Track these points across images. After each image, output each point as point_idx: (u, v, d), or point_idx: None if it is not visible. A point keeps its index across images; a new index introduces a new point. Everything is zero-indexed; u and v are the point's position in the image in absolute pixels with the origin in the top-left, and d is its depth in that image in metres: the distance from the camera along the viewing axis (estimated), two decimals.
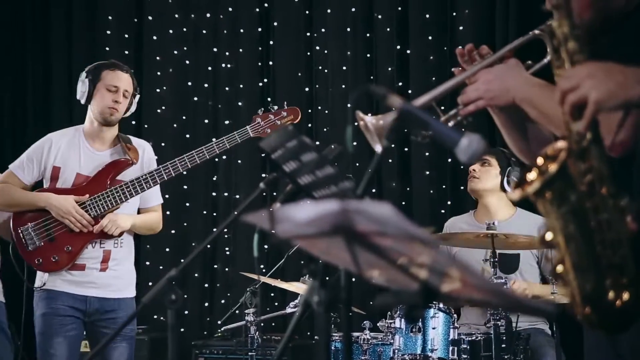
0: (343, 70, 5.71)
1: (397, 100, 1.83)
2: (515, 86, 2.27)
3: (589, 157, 1.80)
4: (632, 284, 1.79)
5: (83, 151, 4.16)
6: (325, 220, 1.48)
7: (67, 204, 4.02)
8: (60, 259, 4.04)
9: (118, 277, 4.14)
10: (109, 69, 4.17)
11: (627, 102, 1.73)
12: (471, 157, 1.80)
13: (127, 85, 4.18)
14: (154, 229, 4.39)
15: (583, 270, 1.77)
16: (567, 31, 1.87)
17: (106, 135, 4.19)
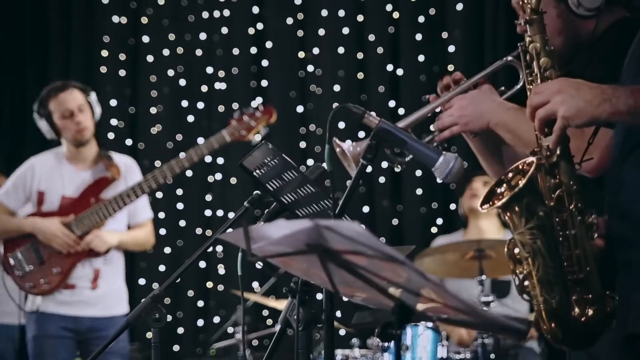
0: (335, 90, 5.77)
1: (375, 119, 1.88)
2: (489, 111, 2.31)
3: (558, 172, 1.84)
4: (597, 300, 1.82)
5: (66, 173, 4.18)
6: (299, 238, 1.52)
7: (52, 226, 4.04)
8: (51, 282, 4.06)
9: (108, 295, 4.16)
10: (50, 98, 4.15)
11: (594, 119, 1.76)
12: (447, 176, 1.85)
13: (77, 100, 4.15)
14: (144, 245, 4.40)
15: (549, 286, 1.81)
16: (540, 46, 1.91)
17: (86, 155, 4.21)
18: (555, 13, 2.39)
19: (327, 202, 2.08)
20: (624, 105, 1.73)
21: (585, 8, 2.33)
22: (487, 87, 2.44)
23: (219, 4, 5.99)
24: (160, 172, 4.12)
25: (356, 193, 5.85)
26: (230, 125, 4.20)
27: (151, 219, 4.41)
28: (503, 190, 1.87)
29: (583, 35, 2.41)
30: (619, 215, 1.84)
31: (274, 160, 2.16)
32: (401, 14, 5.71)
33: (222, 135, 4.17)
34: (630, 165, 1.84)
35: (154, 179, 4.11)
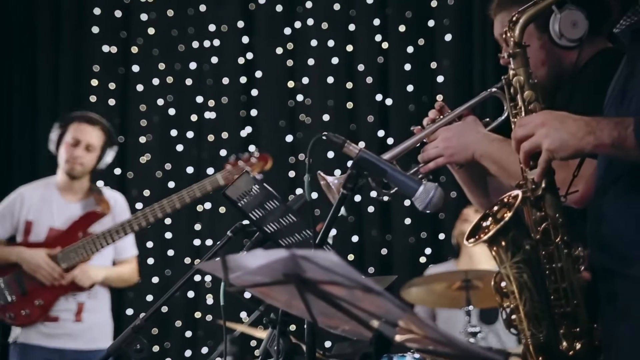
0: (325, 119, 5.77)
1: (355, 149, 1.88)
2: (474, 142, 2.32)
3: (544, 205, 1.84)
4: (585, 333, 1.81)
5: (56, 204, 4.18)
6: (276, 268, 1.51)
7: (38, 257, 4.02)
8: (32, 313, 4.03)
9: (93, 328, 4.13)
10: (77, 121, 4.19)
11: (579, 151, 1.77)
12: (427, 206, 1.84)
13: (93, 138, 4.18)
14: (128, 281, 4.40)
15: (536, 320, 1.80)
16: (524, 79, 1.92)
17: (77, 187, 4.21)
18: (538, 44, 2.41)
19: (309, 232, 2.07)
20: (608, 137, 1.73)
21: (567, 39, 2.34)
22: (472, 118, 2.45)
23: (209, 34, 6.00)
24: (151, 210, 4.12)
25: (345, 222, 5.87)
26: (225, 170, 4.22)
27: (136, 256, 4.41)
28: (489, 224, 1.86)
29: (566, 66, 2.42)
30: (601, 246, 1.84)
31: (257, 189, 2.16)
32: (390, 45, 5.74)
33: (216, 178, 4.19)
34: (612, 197, 1.84)
35: (144, 217, 4.11)
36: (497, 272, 1.83)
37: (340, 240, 5.61)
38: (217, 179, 4.15)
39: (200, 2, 6.00)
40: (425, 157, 2.42)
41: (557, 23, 2.33)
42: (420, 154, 2.48)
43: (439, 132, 2.44)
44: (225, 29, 5.99)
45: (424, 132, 2.49)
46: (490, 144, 2.30)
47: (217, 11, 6.01)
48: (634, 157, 1.73)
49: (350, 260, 5.66)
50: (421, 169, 2.47)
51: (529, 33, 2.42)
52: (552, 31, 2.35)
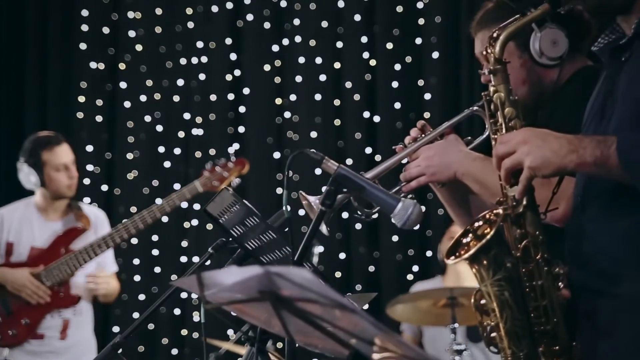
0: (312, 136, 5.77)
1: (333, 165, 1.87)
2: (456, 161, 2.32)
3: (524, 223, 1.83)
4: (565, 351, 1.81)
5: (36, 224, 4.17)
6: (250, 285, 1.50)
7: (21, 276, 4.01)
8: (19, 333, 4.02)
9: (78, 345, 4.12)
10: (45, 149, 4.15)
11: (561, 169, 1.76)
12: (406, 223, 1.84)
13: (70, 155, 4.20)
14: (112, 295, 4.39)
15: (517, 338, 1.79)
16: (504, 96, 1.91)
17: (57, 206, 4.21)
18: (518, 63, 2.41)
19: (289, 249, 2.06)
20: (591, 156, 1.73)
21: (547, 57, 2.35)
22: (454, 137, 2.45)
23: (197, 51, 6.01)
24: (131, 222, 4.11)
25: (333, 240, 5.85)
26: (203, 176, 4.21)
27: (115, 273, 4.41)
28: (469, 241, 1.85)
29: (547, 84, 2.43)
30: (580, 264, 1.83)
31: (236, 206, 2.15)
32: (378, 62, 5.75)
33: (195, 185, 4.18)
34: (592, 214, 1.83)
35: (125, 229, 4.10)
36: (477, 289, 1.82)
37: (328, 258, 5.60)
38: (196, 186, 4.15)
39: (188, 19, 6.01)
40: (407, 176, 2.41)
41: (537, 42, 2.34)
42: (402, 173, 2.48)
43: (420, 151, 2.44)
44: (213, 45, 5.99)
45: (406, 151, 2.49)
46: (472, 162, 2.30)
47: (205, 28, 6.02)
48: (616, 176, 1.72)
49: (337, 277, 5.65)
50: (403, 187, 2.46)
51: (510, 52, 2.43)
52: (532, 50, 2.35)
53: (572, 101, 2.29)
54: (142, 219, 4.10)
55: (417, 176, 2.40)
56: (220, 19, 5.99)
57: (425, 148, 2.42)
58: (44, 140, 4.21)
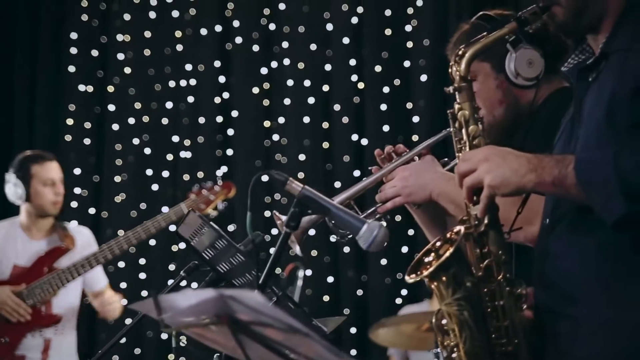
0: (300, 159, 5.76)
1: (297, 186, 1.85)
2: (432, 182, 2.30)
3: (487, 241, 1.81)
4: None
5: (20, 242, 4.15)
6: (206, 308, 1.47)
7: (2, 294, 3.99)
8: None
9: None
10: (35, 163, 4.16)
11: (520, 188, 1.75)
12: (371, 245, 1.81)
13: (59, 172, 4.21)
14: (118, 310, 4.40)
15: (476, 358, 1.76)
16: (469, 114, 1.90)
17: (43, 225, 4.19)
18: (495, 84, 2.41)
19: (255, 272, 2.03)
20: (549, 175, 1.72)
21: (524, 78, 2.34)
22: (429, 158, 2.44)
23: (186, 73, 6.00)
24: (116, 243, 4.09)
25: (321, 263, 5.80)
26: (189, 199, 4.21)
27: (107, 284, 4.39)
28: (431, 260, 1.83)
29: (523, 105, 2.42)
30: (545, 285, 1.81)
31: (205, 228, 2.13)
32: (366, 85, 5.75)
33: (180, 208, 4.17)
34: (556, 236, 1.81)
35: (109, 249, 4.08)
36: (438, 309, 1.79)
37: (316, 281, 5.57)
38: (182, 208, 4.14)
39: (177, 41, 6.01)
40: (382, 197, 2.40)
41: (512, 62, 2.33)
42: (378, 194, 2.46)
43: (396, 172, 2.42)
44: (202, 68, 5.99)
45: (382, 172, 2.48)
46: (447, 183, 2.28)
47: (194, 51, 6.01)
48: (574, 196, 1.71)
49: (326, 301, 5.61)
50: (379, 208, 2.45)
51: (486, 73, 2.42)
52: (508, 70, 2.34)
53: (547, 123, 2.28)
54: (127, 240, 4.10)
55: (393, 197, 2.38)
56: (209, 42, 5.99)
57: (401, 169, 2.41)
58: (35, 154, 4.26)
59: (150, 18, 6.07)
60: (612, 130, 1.76)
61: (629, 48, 1.80)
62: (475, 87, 2.42)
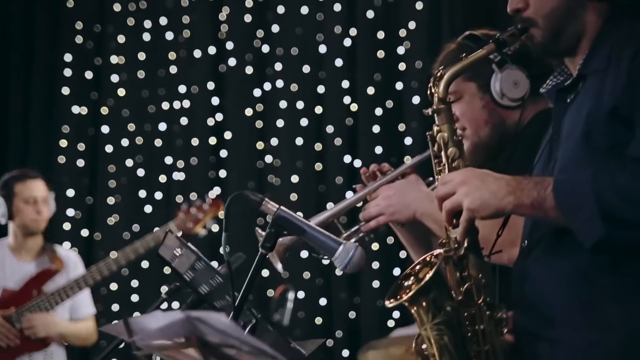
0: (293, 181, 5.75)
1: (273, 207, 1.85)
2: (416, 201, 2.30)
3: (467, 265, 1.80)
4: None
5: (8, 265, 4.14)
6: (175, 330, 1.46)
7: None
8: None
9: None
10: (19, 181, 4.17)
11: (499, 211, 1.74)
12: (347, 266, 1.80)
13: (42, 191, 4.20)
14: (86, 340, 4.34)
15: None
16: (448, 136, 1.89)
17: (31, 246, 4.18)
18: (480, 104, 2.41)
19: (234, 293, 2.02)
20: (528, 197, 1.71)
21: (509, 99, 2.34)
22: (414, 177, 2.44)
23: (180, 95, 6.01)
24: (105, 264, 4.08)
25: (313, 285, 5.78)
26: (177, 218, 4.20)
27: (93, 315, 4.34)
28: (410, 284, 1.82)
29: (509, 125, 2.42)
30: (524, 308, 1.80)
31: (183, 250, 2.12)
32: (359, 107, 5.75)
33: (169, 227, 4.16)
34: (534, 258, 1.81)
35: (98, 271, 4.07)
36: (418, 334, 1.78)
37: (309, 303, 5.54)
38: (170, 227, 4.13)
39: (171, 63, 6.02)
40: (366, 216, 2.39)
41: (498, 83, 2.33)
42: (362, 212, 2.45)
43: (380, 190, 2.42)
44: (195, 90, 6.00)
45: (365, 190, 2.47)
46: (431, 203, 2.27)
47: (188, 72, 6.02)
48: (553, 218, 1.70)
49: (318, 323, 5.58)
50: (362, 227, 2.44)
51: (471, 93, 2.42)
52: (493, 91, 2.34)
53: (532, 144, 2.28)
54: (116, 261, 4.09)
55: (376, 215, 2.38)
56: (203, 64, 6.00)
57: (384, 187, 2.41)
58: (19, 173, 4.26)
59: (144, 40, 6.09)
60: (590, 151, 1.76)
61: (606, 69, 1.80)
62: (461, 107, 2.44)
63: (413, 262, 1.96)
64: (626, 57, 1.76)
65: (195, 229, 4.19)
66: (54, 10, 6.19)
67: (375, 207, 2.39)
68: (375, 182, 2.47)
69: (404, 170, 2.49)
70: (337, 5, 5.71)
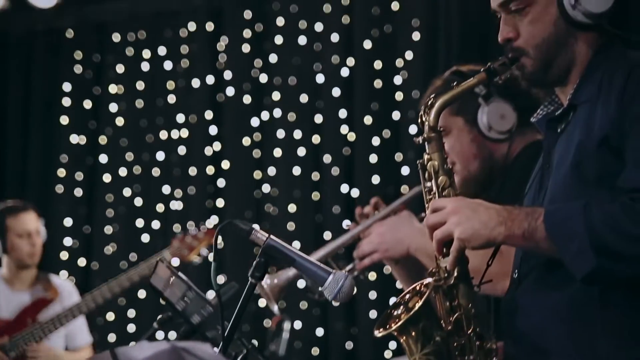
0: (291, 210, 5.74)
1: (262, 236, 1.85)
2: (409, 237, 2.31)
3: (456, 294, 1.79)
4: None
5: (3, 295, 4.14)
6: None
7: None
8: None
9: None
10: (10, 215, 4.17)
11: (490, 241, 1.74)
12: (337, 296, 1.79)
13: (35, 223, 4.21)
14: None
15: None
16: (438, 165, 1.90)
17: (25, 276, 4.19)
18: (469, 138, 2.42)
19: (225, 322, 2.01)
20: (519, 228, 1.71)
21: (496, 131, 2.35)
22: (406, 213, 2.45)
23: (178, 125, 6.02)
24: (99, 292, 4.07)
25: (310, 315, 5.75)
26: (172, 245, 4.20)
27: (90, 344, 4.32)
28: (400, 313, 1.81)
29: (497, 158, 2.43)
30: (514, 339, 1.79)
31: (174, 279, 2.11)
32: (357, 136, 5.75)
33: (164, 255, 4.15)
34: (525, 289, 1.80)
35: (92, 299, 4.05)
36: None
37: (306, 334, 5.51)
38: (165, 255, 4.13)
39: (169, 93, 6.05)
40: (359, 253, 2.41)
41: (485, 116, 2.34)
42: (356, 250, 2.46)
43: (373, 228, 2.43)
44: (193, 119, 6.01)
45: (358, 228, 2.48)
46: (424, 238, 2.26)
47: (186, 102, 6.04)
48: (544, 249, 1.69)
49: (314, 354, 5.55)
50: (357, 265, 2.45)
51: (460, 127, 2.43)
52: (480, 124, 2.36)
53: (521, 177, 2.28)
54: (110, 289, 4.08)
55: (370, 253, 2.39)
56: (201, 93, 6.02)
57: (377, 224, 2.42)
58: (10, 207, 4.25)
59: (143, 70, 6.12)
60: (580, 181, 1.76)
61: (596, 99, 1.81)
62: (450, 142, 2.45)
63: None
64: (616, 87, 1.77)
65: (189, 257, 4.18)
66: (54, 40, 6.22)
67: (369, 244, 2.41)
68: (368, 220, 2.47)
69: (396, 207, 2.50)
70: (334, 35, 5.73)
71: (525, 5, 1.88)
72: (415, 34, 5.57)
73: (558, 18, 1.87)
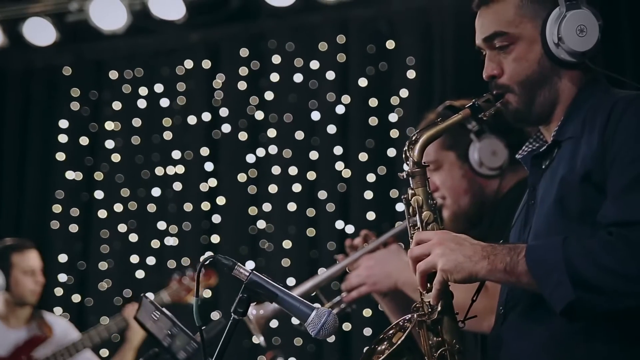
0: (285, 246, 5.74)
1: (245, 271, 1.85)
2: (397, 270, 2.30)
3: (441, 329, 1.79)
4: None
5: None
6: None
7: None
8: None
9: None
10: (16, 252, 4.17)
11: (473, 275, 1.74)
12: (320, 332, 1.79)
13: (39, 261, 4.21)
14: None
15: None
16: (422, 199, 1.90)
17: (21, 314, 4.18)
18: (460, 174, 2.42)
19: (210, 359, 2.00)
20: (501, 263, 1.72)
21: (487, 167, 2.36)
22: (395, 246, 2.44)
23: (174, 161, 6.04)
24: (97, 331, 4.06)
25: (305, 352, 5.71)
26: (170, 287, 4.20)
27: None
28: (383, 348, 1.81)
29: (488, 194, 2.43)
30: None
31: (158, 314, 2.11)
32: (352, 173, 5.77)
33: (161, 296, 4.15)
34: (510, 324, 1.80)
35: (89, 338, 4.05)
36: None
37: None
38: (162, 297, 4.13)
39: (165, 129, 6.07)
40: (347, 286, 2.40)
41: (476, 152, 2.35)
42: (344, 283, 2.45)
43: (361, 260, 2.42)
44: (189, 156, 6.03)
45: (347, 261, 2.48)
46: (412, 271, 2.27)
47: (182, 138, 6.07)
48: (525, 284, 1.70)
49: None
50: (344, 298, 2.44)
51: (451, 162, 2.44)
52: (472, 160, 2.36)
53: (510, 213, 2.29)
54: (108, 328, 4.08)
55: (358, 285, 2.38)
56: (197, 130, 6.04)
57: (366, 257, 2.42)
58: (15, 243, 4.26)
59: (139, 107, 6.15)
60: (563, 217, 1.76)
61: (580, 136, 1.82)
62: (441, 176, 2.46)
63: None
64: (598, 124, 1.78)
65: (186, 298, 4.19)
66: (51, 77, 6.26)
67: (357, 277, 2.40)
68: (357, 252, 2.47)
69: (385, 240, 2.50)
70: (330, 73, 5.77)
71: (510, 43, 1.90)
72: (410, 72, 5.61)
73: (542, 56, 1.89)
